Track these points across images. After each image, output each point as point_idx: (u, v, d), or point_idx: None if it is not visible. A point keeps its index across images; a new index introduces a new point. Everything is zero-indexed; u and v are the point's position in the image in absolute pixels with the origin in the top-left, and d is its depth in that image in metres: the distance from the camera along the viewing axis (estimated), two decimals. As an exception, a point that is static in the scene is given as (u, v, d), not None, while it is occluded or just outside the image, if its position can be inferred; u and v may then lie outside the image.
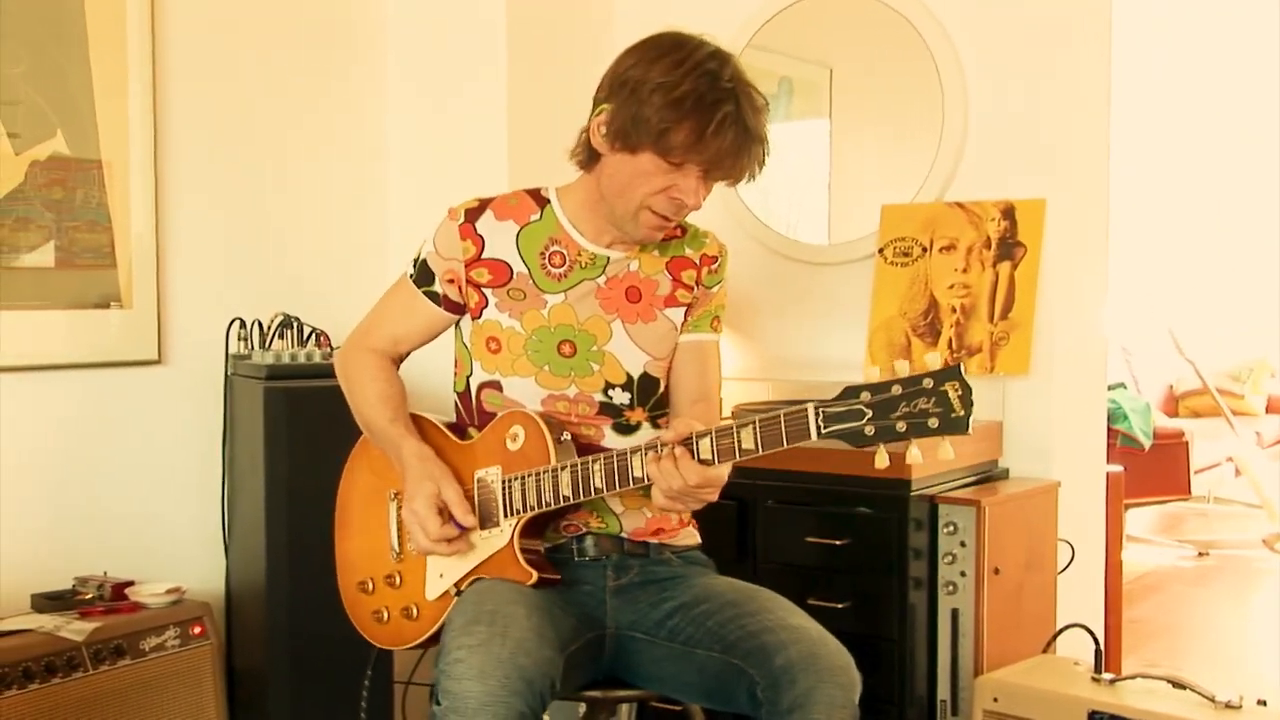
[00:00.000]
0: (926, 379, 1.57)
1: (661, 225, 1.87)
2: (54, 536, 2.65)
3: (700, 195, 1.83)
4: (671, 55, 1.77)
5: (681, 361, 1.99)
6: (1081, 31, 2.93)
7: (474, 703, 1.58)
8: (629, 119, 1.77)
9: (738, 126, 1.76)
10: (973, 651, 2.51)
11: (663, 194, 1.81)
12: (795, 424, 1.62)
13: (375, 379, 1.98)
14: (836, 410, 1.60)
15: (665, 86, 1.74)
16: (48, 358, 2.63)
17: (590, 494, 1.77)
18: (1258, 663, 4.05)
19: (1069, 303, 2.90)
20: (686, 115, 1.74)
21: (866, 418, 1.59)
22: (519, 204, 1.95)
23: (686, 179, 1.80)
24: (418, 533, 1.85)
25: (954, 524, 2.52)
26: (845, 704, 1.69)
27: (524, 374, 1.91)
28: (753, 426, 1.65)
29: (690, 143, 1.75)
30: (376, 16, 3.24)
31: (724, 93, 1.75)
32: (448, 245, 1.94)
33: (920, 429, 1.57)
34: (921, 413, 1.57)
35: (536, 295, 1.92)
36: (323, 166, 3.15)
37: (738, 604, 1.83)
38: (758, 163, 1.82)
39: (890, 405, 1.58)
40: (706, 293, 1.99)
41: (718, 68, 1.76)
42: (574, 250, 1.92)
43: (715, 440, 1.67)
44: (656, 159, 1.78)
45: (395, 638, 1.96)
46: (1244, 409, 6.55)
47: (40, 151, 2.60)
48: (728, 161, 1.78)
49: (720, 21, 3.25)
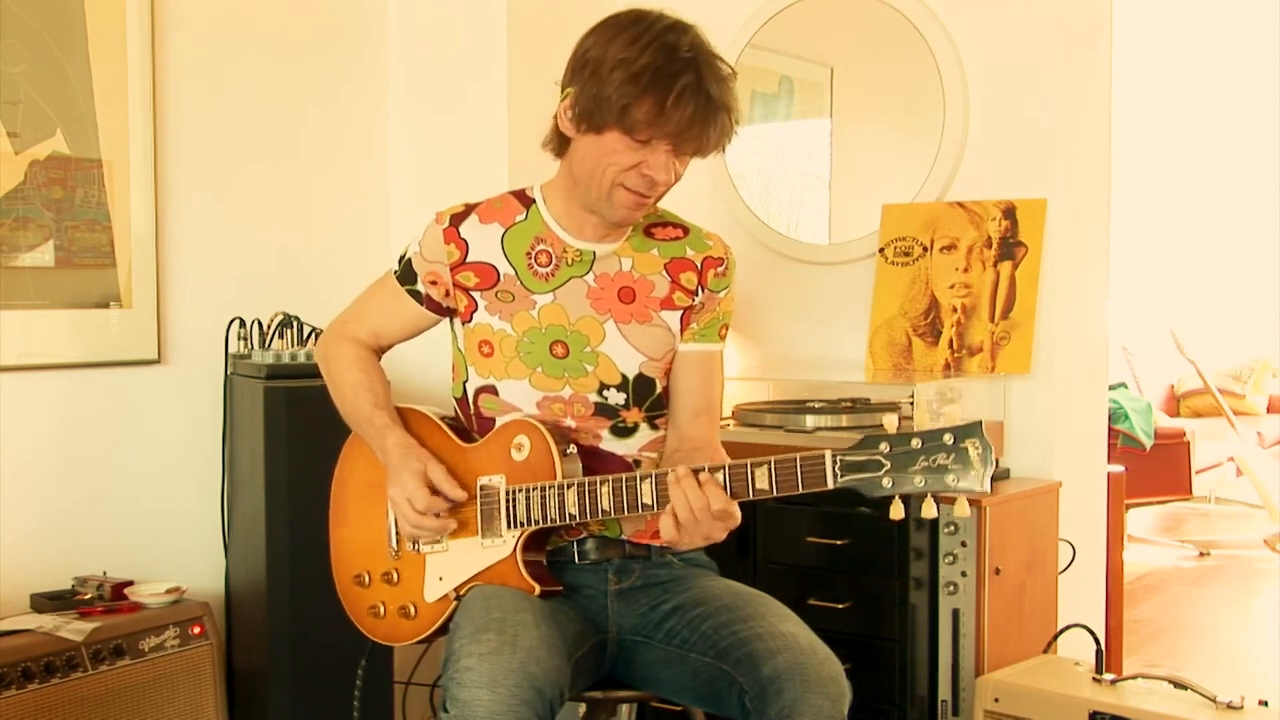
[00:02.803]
0: (947, 434, 1.56)
1: (639, 203, 1.83)
2: (53, 536, 2.65)
3: (672, 170, 1.79)
4: (629, 31, 1.74)
5: (685, 372, 1.96)
6: (1082, 31, 2.93)
7: (484, 711, 1.58)
8: (591, 99, 1.75)
9: (699, 96, 1.71)
10: (974, 652, 2.51)
11: (634, 170, 1.78)
12: (812, 470, 1.61)
13: (353, 367, 1.97)
14: (855, 459, 1.59)
15: (624, 62, 1.71)
16: (48, 357, 2.63)
17: (597, 515, 1.77)
18: (1259, 663, 4.05)
19: (1070, 302, 2.90)
20: (646, 89, 1.70)
21: (884, 469, 1.58)
22: (504, 206, 1.94)
23: (655, 154, 1.76)
24: (405, 507, 1.83)
25: (955, 524, 2.51)
26: (833, 715, 1.67)
27: (518, 376, 1.90)
28: (768, 467, 1.64)
29: (652, 117, 1.72)
30: (378, 16, 3.23)
31: (683, 63, 1.71)
32: (432, 248, 1.93)
33: (938, 485, 1.56)
34: (940, 468, 1.56)
35: (525, 296, 1.90)
36: (323, 165, 3.15)
37: (733, 608, 1.82)
38: (725, 133, 1.78)
39: (909, 459, 1.57)
40: (713, 297, 1.95)
41: (675, 39, 1.73)
42: (559, 248, 1.90)
43: (729, 476, 1.67)
44: (622, 136, 1.75)
45: (391, 634, 1.95)
46: (1245, 409, 6.54)
47: (40, 151, 2.60)
48: (693, 132, 1.74)
49: (720, 21, 3.25)
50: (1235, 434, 6.06)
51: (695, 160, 1.83)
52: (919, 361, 2.91)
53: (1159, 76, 6.69)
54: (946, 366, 2.89)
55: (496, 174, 3.04)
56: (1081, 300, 2.96)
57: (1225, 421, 6.12)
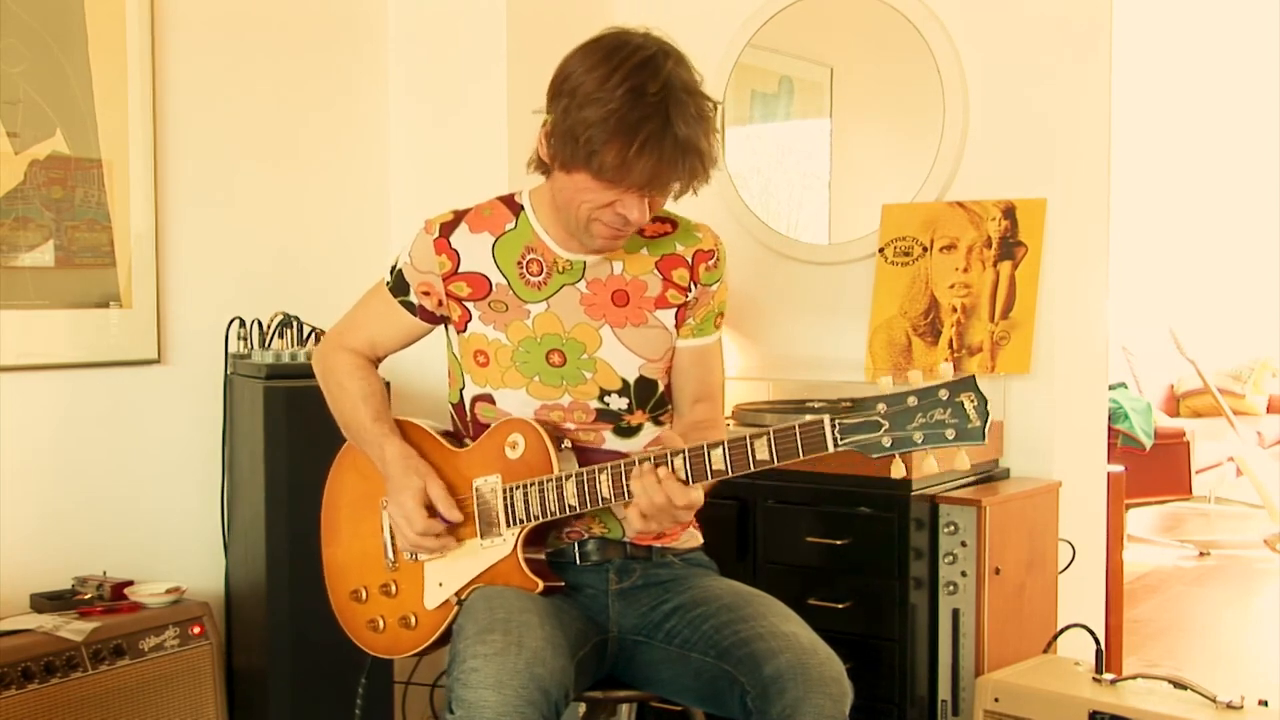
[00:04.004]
0: (942, 390, 1.57)
1: (616, 235, 1.81)
2: (53, 536, 2.65)
3: (645, 211, 1.76)
4: (604, 66, 1.69)
5: (686, 367, 1.96)
6: (1082, 31, 2.93)
7: (490, 712, 1.58)
8: (563, 135, 1.71)
9: (664, 144, 1.66)
10: (973, 651, 2.51)
11: (608, 209, 1.75)
12: (811, 435, 1.62)
13: (353, 377, 1.97)
14: (853, 421, 1.60)
15: (595, 102, 1.67)
16: (47, 357, 2.63)
17: (598, 504, 1.77)
18: (1259, 663, 4.05)
19: (1070, 302, 2.90)
20: (611, 136, 1.66)
21: (883, 429, 1.59)
22: (494, 214, 1.92)
23: (627, 195, 1.73)
24: (403, 526, 1.84)
25: (955, 524, 2.51)
26: (835, 715, 1.67)
27: (515, 386, 1.89)
28: (767, 438, 1.64)
29: (616, 165, 1.68)
30: (378, 16, 3.24)
31: (649, 109, 1.65)
32: (423, 259, 1.91)
33: (937, 439, 1.58)
34: (938, 423, 1.57)
35: (518, 305, 1.89)
36: (323, 165, 3.15)
37: (733, 608, 1.82)
38: (695, 175, 1.73)
39: (906, 416, 1.58)
40: (706, 291, 1.94)
41: (643, 81, 1.66)
42: (550, 257, 1.89)
43: (728, 451, 1.67)
44: (590, 178, 1.72)
45: (392, 647, 1.95)
46: (1245, 409, 6.54)
47: (40, 151, 2.60)
48: (659, 181, 1.71)
49: (720, 21, 3.26)
50: (1235, 434, 6.06)
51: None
52: (919, 361, 2.91)
53: (1159, 76, 6.69)
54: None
55: (496, 174, 3.04)
56: (1081, 300, 2.96)
57: (1225, 421, 6.12)
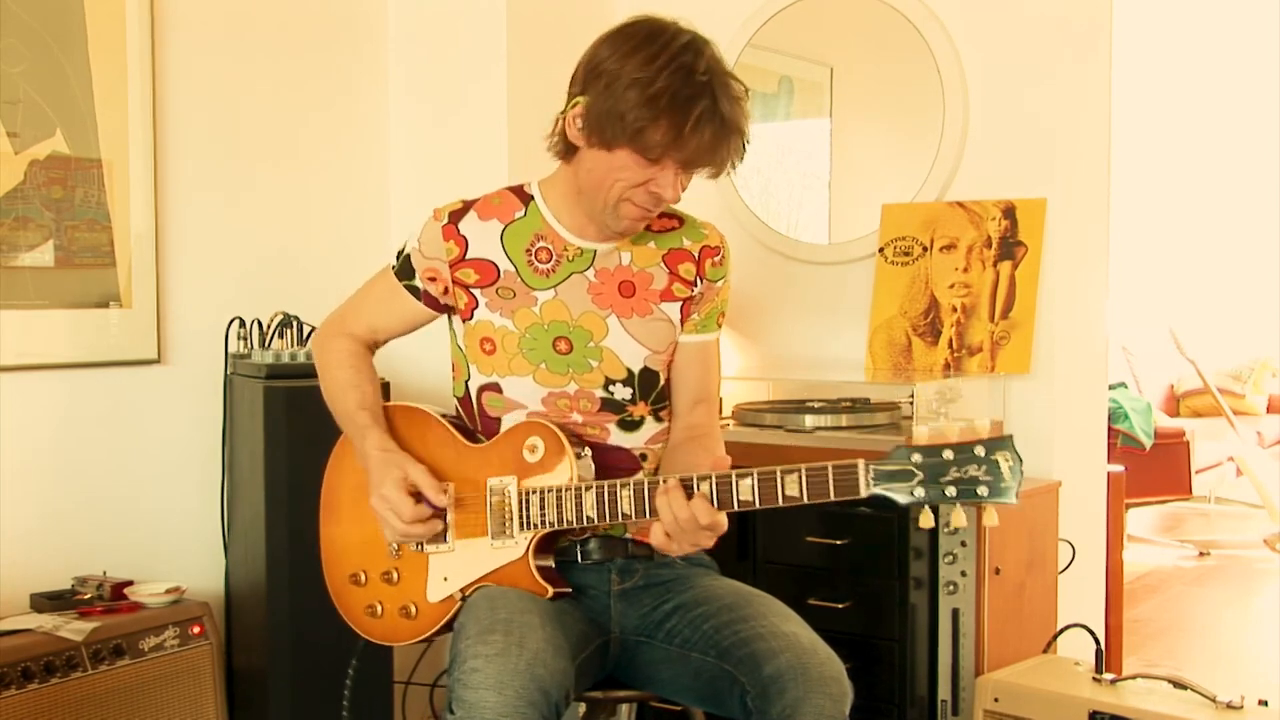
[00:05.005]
0: (979, 446, 1.58)
1: (643, 216, 1.84)
2: (53, 536, 2.65)
3: (679, 188, 1.80)
4: (646, 49, 1.73)
5: (685, 363, 1.97)
6: (1082, 30, 2.93)
7: (490, 713, 1.57)
8: (604, 115, 1.74)
9: (715, 121, 1.72)
10: (973, 651, 2.51)
11: (641, 188, 1.78)
12: (845, 478, 1.62)
13: (344, 364, 1.97)
14: (888, 469, 1.60)
15: (640, 83, 1.71)
16: (47, 357, 2.63)
17: (618, 518, 1.76)
18: (1259, 663, 4.05)
19: (1070, 302, 2.90)
20: (662, 113, 1.70)
21: (916, 479, 1.60)
22: (502, 203, 1.94)
23: (665, 173, 1.77)
24: (390, 518, 1.81)
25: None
26: (835, 715, 1.67)
27: (521, 372, 1.90)
28: (799, 475, 1.65)
29: (668, 141, 1.72)
30: (378, 16, 3.24)
31: (699, 87, 1.71)
32: (431, 245, 1.92)
33: (969, 495, 1.58)
34: (971, 479, 1.58)
35: (526, 292, 1.90)
36: (323, 165, 3.15)
37: (734, 608, 1.82)
38: (736, 154, 1.80)
39: (940, 469, 1.59)
40: (711, 287, 1.96)
41: (693, 60, 1.72)
42: (560, 245, 1.90)
43: (758, 484, 1.68)
44: (634, 155, 1.75)
45: (390, 634, 1.94)
46: (1245, 409, 6.54)
47: (40, 151, 2.60)
48: (706, 156, 1.76)
49: (720, 21, 3.25)
50: (1235, 434, 6.06)
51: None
52: (919, 361, 2.91)
53: (1159, 76, 6.69)
54: (946, 366, 2.89)
55: (496, 174, 3.04)
56: (1081, 300, 2.96)
57: (1225, 421, 6.12)
